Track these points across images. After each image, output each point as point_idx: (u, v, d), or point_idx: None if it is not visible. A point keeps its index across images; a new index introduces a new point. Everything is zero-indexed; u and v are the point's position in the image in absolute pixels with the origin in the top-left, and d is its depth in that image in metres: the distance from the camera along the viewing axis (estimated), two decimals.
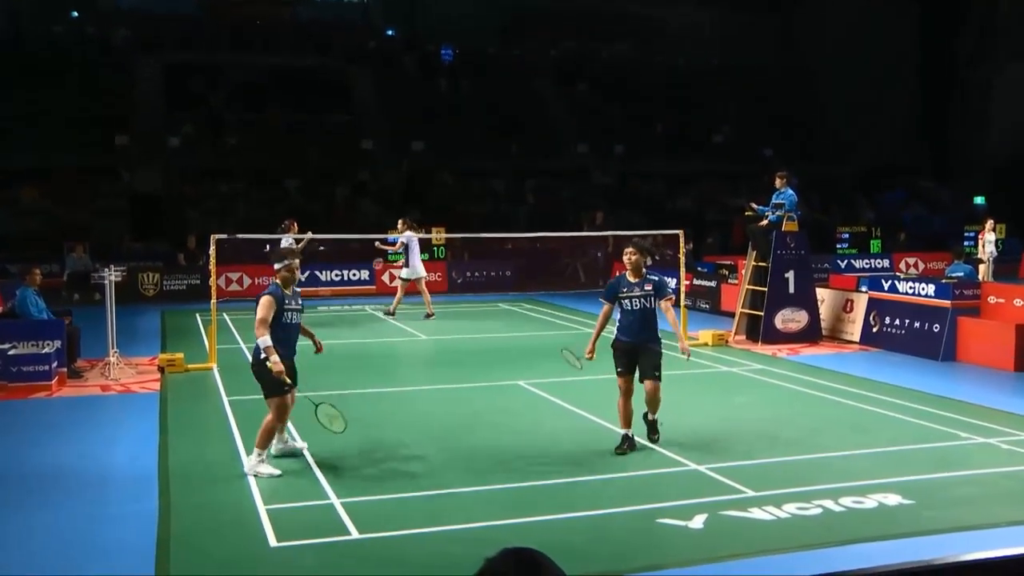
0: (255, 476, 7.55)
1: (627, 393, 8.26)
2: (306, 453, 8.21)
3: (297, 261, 7.84)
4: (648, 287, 8.18)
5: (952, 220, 31.74)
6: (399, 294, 18.09)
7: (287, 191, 30.87)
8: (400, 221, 18.19)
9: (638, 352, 8.18)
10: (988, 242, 19.62)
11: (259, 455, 7.70)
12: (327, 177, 31.35)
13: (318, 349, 8.39)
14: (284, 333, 7.62)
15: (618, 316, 8.29)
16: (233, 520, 6.68)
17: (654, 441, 8.35)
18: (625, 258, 8.28)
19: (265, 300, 7.55)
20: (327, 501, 6.98)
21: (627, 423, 8.32)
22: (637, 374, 8.25)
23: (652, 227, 21.72)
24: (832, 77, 37.79)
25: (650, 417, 8.37)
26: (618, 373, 8.27)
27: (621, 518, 6.66)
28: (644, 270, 8.25)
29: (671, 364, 9.30)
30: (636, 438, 8.32)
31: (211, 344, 13.04)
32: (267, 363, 7.38)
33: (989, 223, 20.16)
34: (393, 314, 17.89)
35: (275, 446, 8.02)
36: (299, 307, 7.83)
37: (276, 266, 7.81)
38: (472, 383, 12.01)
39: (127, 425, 9.73)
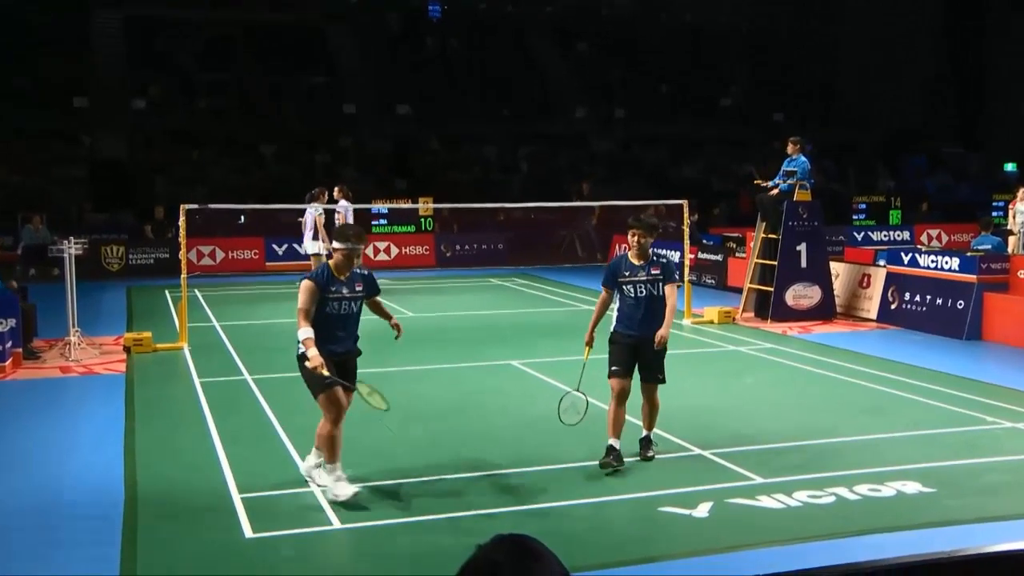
0: (333, 498, 6.68)
1: (621, 397, 7.49)
2: (284, 438, 8.20)
3: (360, 247, 7.03)
4: (655, 271, 7.49)
5: (979, 188, 31.74)
6: None
7: (263, 157, 30.74)
8: (336, 188, 17.59)
9: (641, 349, 7.47)
10: (1019, 212, 19.55)
11: (331, 470, 6.81)
12: (306, 143, 31.21)
13: (397, 332, 7.44)
14: (324, 325, 6.85)
15: (617, 304, 7.62)
16: (206, 509, 6.69)
17: (648, 459, 7.60)
18: (631, 238, 7.53)
19: (304, 286, 6.86)
20: (307, 488, 6.99)
21: (617, 432, 7.48)
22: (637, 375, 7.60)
23: (655, 196, 21.70)
24: (850, 35, 37.61)
25: (645, 432, 7.74)
26: (611, 373, 7.51)
27: (621, 506, 6.69)
28: (651, 251, 7.62)
29: (673, 342, 9.30)
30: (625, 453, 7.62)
31: (181, 322, 13.01)
32: (305, 359, 6.75)
33: (1021, 191, 20.06)
34: None
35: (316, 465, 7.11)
36: (352, 295, 7.00)
37: (335, 245, 7.06)
38: (462, 363, 12.02)
39: (90, 409, 9.72)
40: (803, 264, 14.71)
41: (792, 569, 2.46)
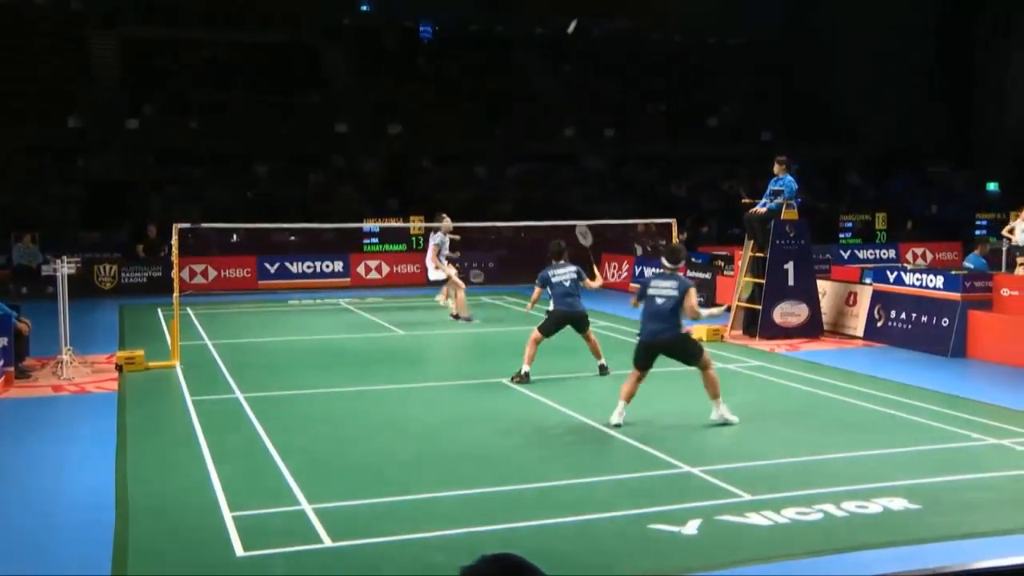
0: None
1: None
2: (275, 456, 8.17)
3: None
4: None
5: (965, 207, 31.87)
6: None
7: (257, 176, 30.71)
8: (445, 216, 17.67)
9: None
10: (1020, 230, 19.13)
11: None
12: (299, 162, 31.22)
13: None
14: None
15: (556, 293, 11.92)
16: (196, 528, 6.65)
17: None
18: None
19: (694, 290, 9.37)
20: (298, 507, 6.96)
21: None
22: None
23: (645, 215, 21.73)
24: (840, 54, 37.67)
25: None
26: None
27: (610, 523, 6.67)
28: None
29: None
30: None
31: (174, 341, 12.97)
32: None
33: None
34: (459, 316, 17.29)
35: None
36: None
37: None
38: (453, 381, 12.00)
39: (81, 428, 9.67)
40: (790, 282, 14.75)
41: None
